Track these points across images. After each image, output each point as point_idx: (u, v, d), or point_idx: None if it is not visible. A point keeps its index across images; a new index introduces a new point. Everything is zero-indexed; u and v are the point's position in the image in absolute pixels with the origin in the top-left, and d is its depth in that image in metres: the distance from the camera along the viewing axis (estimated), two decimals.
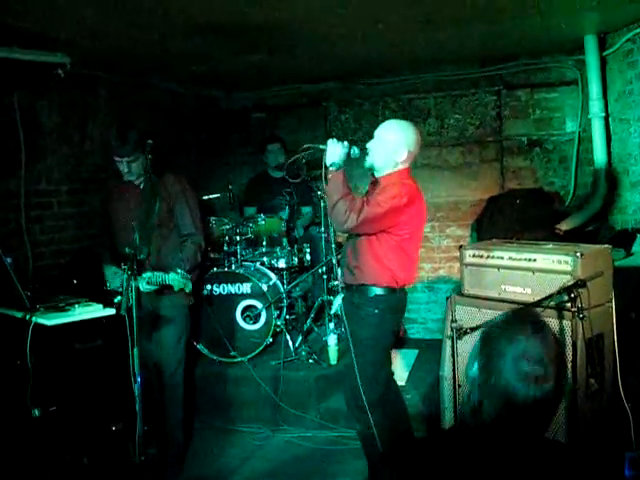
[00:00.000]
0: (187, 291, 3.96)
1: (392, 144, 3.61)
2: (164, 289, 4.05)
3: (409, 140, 3.63)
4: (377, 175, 3.72)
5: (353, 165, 3.69)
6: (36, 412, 3.61)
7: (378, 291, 3.62)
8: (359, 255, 3.67)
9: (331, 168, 3.50)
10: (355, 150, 3.58)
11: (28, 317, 3.66)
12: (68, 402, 3.82)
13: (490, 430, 1.77)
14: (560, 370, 1.80)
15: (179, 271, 3.89)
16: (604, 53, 5.59)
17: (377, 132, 3.69)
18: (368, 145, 3.66)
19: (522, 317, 1.95)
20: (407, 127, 3.70)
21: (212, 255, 5.76)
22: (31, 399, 3.61)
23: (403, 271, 3.65)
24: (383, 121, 6.34)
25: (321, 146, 3.54)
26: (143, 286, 3.86)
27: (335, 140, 3.53)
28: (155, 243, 4.14)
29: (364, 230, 3.57)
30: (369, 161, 3.66)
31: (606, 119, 5.66)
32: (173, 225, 4.24)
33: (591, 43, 5.58)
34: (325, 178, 3.57)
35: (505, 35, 5.32)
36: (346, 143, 3.54)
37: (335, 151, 3.49)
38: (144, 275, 3.86)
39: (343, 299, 3.89)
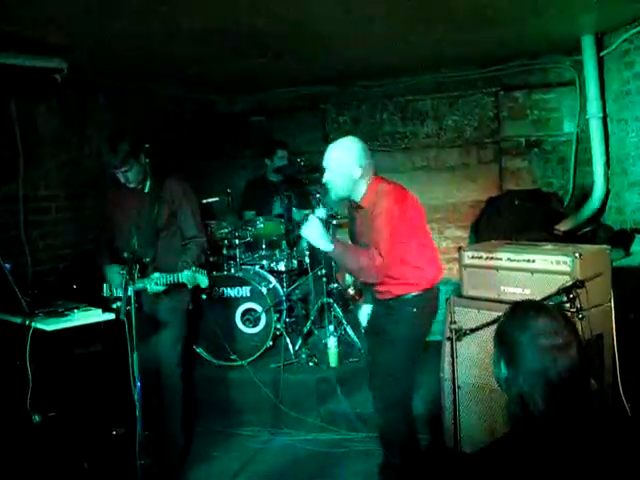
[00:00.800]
0: (203, 287, 3.97)
1: (342, 169, 3.55)
2: (167, 291, 4.07)
3: (354, 156, 3.55)
4: (354, 199, 3.67)
5: None
6: (36, 418, 3.62)
7: (414, 293, 3.64)
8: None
9: (328, 249, 3.47)
10: (321, 212, 3.57)
11: (27, 322, 3.66)
12: (68, 407, 3.82)
13: (545, 420, 1.79)
14: (576, 335, 1.88)
15: (193, 268, 3.89)
16: (601, 53, 5.59)
17: (324, 165, 3.63)
18: (324, 181, 3.62)
19: (522, 305, 2.01)
20: (343, 147, 3.61)
21: (211, 259, 5.75)
22: (31, 405, 3.61)
23: (430, 265, 3.71)
24: (381, 123, 6.37)
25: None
26: (152, 287, 3.90)
27: (304, 228, 3.50)
28: (158, 246, 4.17)
29: (397, 261, 3.53)
30: (335, 195, 3.64)
31: (604, 119, 5.66)
32: (175, 228, 4.26)
33: (588, 43, 5.58)
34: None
35: (503, 36, 5.33)
36: (311, 218, 3.50)
37: (314, 234, 3.46)
38: (152, 276, 3.90)
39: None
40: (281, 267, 5.70)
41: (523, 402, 1.82)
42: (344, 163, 3.55)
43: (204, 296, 5.37)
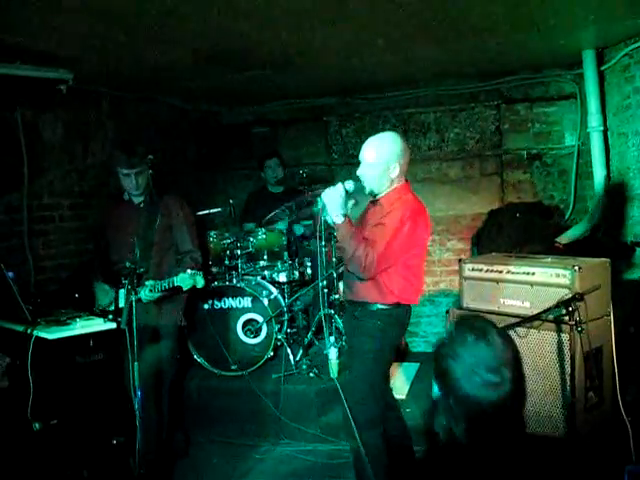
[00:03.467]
0: (199, 287, 3.95)
1: (379, 163, 3.54)
2: (160, 307, 4.11)
3: (394, 152, 3.56)
4: (377, 194, 3.66)
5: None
6: (37, 426, 3.63)
7: (381, 306, 3.61)
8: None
9: (337, 221, 3.44)
10: (350, 184, 3.50)
11: (29, 331, 3.69)
12: (69, 415, 3.83)
13: (466, 448, 1.77)
14: (515, 371, 1.78)
15: (188, 271, 3.87)
16: (602, 67, 5.62)
17: (361, 156, 3.62)
18: (358, 173, 3.60)
19: (462, 327, 1.92)
20: (388, 139, 3.61)
21: (213, 269, 5.78)
22: (32, 413, 3.63)
23: (410, 284, 3.61)
24: None
25: (320, 197, 3.50)
26: (145, 294, 3.91)
27: (328, 189, 3.46)
28: (154, 258, 4.22)
29: (384, 267, 3.50)
30: (367, 188, 3.60)
31: (605, 133, 5.69)
32: (171, 242, 4.34)
33: (589, 58, 5.61)
34: (322, 236, 3.61)
35: (504, 50, 5.36)
36: (338, 184, 3.46)
37: (333, 199, 3.43)
38: (147, 283, 3.91)
39: (344, 313, 3.91)
40: (282, 278, 5.71)
41: (450, 428, 1.80)
42: (385, 155, 3.54)
43: (206, 306, 5.40)
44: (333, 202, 3.42)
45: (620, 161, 5.51)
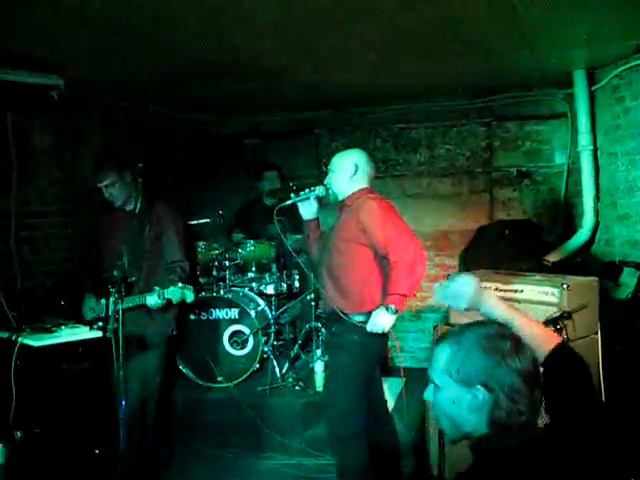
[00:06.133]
0: (188, 301, 4.00)
1: (342, 168, 3.91)
2: (152, 316, 4.13)
3: (353, 157, 3.93)
4: (342, 198, 3.94)
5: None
6: (18, 434, 3.58)
7: (359, 318, 3.62)
8: (342, 282, 3.71)
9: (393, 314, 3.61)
10: (320, 188, 3.90)
11: (14, 337, 3.65)
12: (51, 424, 3.79)
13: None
14: None
15: (179, 284, 3.93)
16: (593, 88, 5.66)
17: (329, 168, 3.99)
18: (326, 181, 3.94)
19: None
20: (350, 150, 4.06)
21: (201, 280, 5.75)
22: (14, 421, 3.58)
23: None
24: (374, 149, 6.47)
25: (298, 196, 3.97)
26: (155, 301, 3.95)
27: (301, 194, 3.92)
28: (145, 266, 4.24)
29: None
30: (332, 194, 3.94)
31: (595, 152, 5.71)
32: (160, 251, 4.35)
33: (580, 78, 5.65)
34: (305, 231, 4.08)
35: (496, 68, 5.40)
36: (307, 190, 3.91)
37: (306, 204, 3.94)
38: (156, 288, 3.94)
39: (324, 328, 4.00)
40: (270, 290, 5.70)
41: None
42: (344, 164, 3.91)
43: (192, 316, 5.37)
44: (386, 321, 3.62)
45: (609, 180, 5.54)
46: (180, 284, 3.91)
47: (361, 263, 3.70)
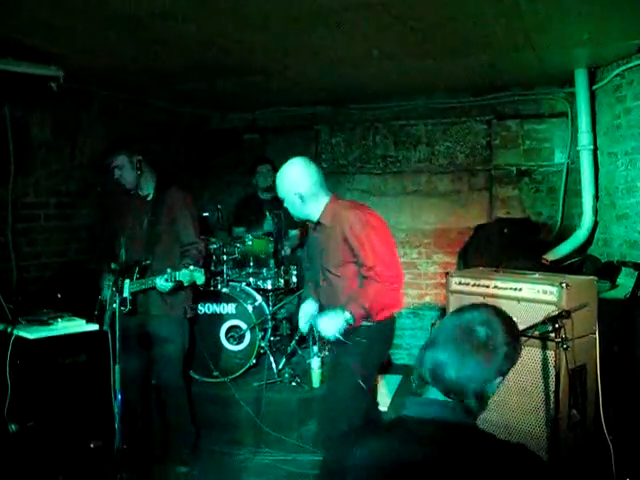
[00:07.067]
0: (199, 283, 4.09)
1: (289, 200, 3.64)
2: (165, 300, 4.26)
3: (294, 179, 3.61)
4: (311, 220, 3.74)
5: None
6: (12, 427, 3.57)
7: (365, 323, 3.59)
8: (345, 292, 3.64)
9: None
10: (291, 232, 3.94)
11: (10, 330, 3.63)
12: (47, 417, 3.77)
13: None
14: None
15: (190, 267, 3.97)
16: (594, 87, 5.66)
17: (279, 195, 3.74)
18: (285, 205, 3.73)
19: None
20: (286, 170, 3.68)
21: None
22: (9, 413, 3.56)
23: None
24: (374, 146, 6.42)
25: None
26: (161, 283, 4.01)
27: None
28: (159, 250, 4.31)
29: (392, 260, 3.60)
30: (297, 216, 3.77)
31: (594, 152, 5.71)
32: (175, 234, 4.41)
33: (581, 77, 5.65)
34: None
35: (497, 66, 5.39)
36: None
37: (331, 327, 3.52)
38: (168, 270, 3.98)
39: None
40: (268, 285, 5.68)
41: None
42: (287, 194, 3.64)
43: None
44: (332, 326, 3.49)
45: (609, 180, 5.53)
46: (192, 267, 3.96)
47: (356, 276, 3.64)
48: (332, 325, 3.49)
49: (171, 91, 6.15)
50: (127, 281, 4.05)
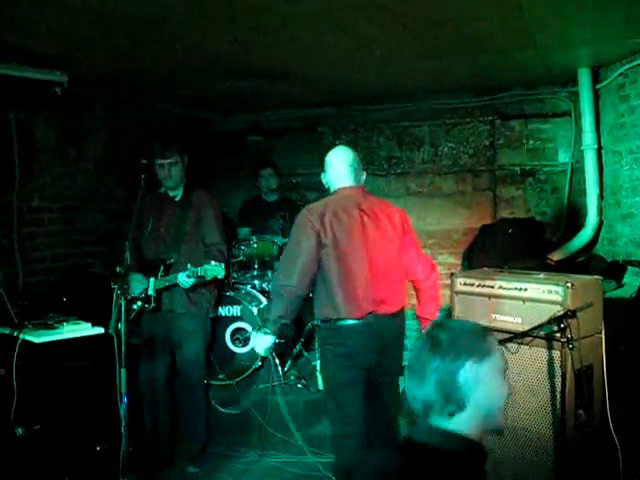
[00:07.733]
0: (219, 277, 4.12)
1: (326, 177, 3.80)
2: (189, 298, 4.40)
3: (327, 163, 3.78)
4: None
5: None
6: (19, 430, 3.57)
7: (315, 321, 3.73)
8: None
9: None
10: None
11: (16, 334, 3.64)
12: (53, 421, 3.77)
13: None
14: None
15: (212, 262, 4.05)
16: (597, 86, 5.65)
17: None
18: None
19: None
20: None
21: None
22: (15, 417, 3.57)
23: (328, 307, 3.67)
24: (378, 147, 6.44)
25: None
26: (183, 279, 4.11)
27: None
28: (184, 250, 4.41)
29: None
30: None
31: (598, 151, 5.71)
32: (199, 235, 4.51)
33: (585, 76, 5.64)
34: None
35: (500, 66, 5.39)
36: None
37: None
38: (189, 266, 4.08)
39: None
40: None
41: None
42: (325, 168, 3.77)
43: None
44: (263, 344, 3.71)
45: (613, 179, 5.52)
46: (213, 262, 4.04)
47: None
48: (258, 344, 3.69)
49: (175, 95, 6.16)
50: (152, 279, 4.21)
